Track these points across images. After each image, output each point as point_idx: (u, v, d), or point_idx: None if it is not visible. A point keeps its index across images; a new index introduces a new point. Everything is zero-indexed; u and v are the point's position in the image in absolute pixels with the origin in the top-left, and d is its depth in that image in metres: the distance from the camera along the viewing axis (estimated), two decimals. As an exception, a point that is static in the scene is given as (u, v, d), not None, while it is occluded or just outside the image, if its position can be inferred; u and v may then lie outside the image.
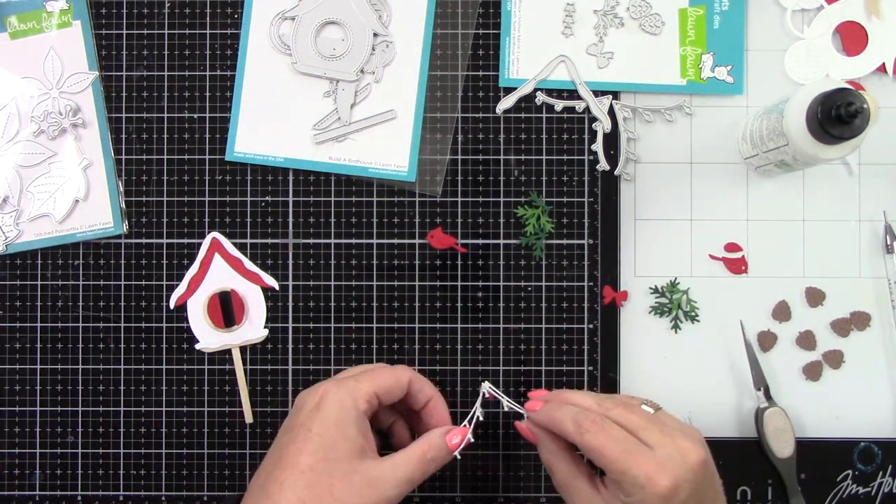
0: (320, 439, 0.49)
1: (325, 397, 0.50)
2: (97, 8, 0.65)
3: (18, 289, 0.65)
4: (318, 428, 0.49)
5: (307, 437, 0.49)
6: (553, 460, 0.53)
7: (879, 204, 0.65)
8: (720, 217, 0.65)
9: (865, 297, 0.64)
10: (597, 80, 0.65)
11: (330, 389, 0.51)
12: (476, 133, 0.65)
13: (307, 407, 0.51)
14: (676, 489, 0.46)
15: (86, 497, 0.65)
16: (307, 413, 0.51)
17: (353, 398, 0.50)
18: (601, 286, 0.64)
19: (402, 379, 0.54)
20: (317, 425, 0.50)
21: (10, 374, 0.65)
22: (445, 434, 0.53)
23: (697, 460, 0.47)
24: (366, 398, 0.51)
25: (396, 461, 0.51)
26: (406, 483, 0.50)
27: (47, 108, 0.65)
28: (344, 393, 0.50)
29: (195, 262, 0.65)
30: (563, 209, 0.65)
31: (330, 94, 0.64)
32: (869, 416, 0.64)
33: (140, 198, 0.65)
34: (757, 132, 0.60)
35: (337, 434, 0.49)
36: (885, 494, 0.63)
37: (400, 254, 0.65)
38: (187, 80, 0.65)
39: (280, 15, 0.64)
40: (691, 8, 0.64)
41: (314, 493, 0.48)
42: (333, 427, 0.49)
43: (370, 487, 0.49)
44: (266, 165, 0.65)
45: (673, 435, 0.48)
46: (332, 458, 0.49)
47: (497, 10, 0.65)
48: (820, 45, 0.65)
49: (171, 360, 0.65)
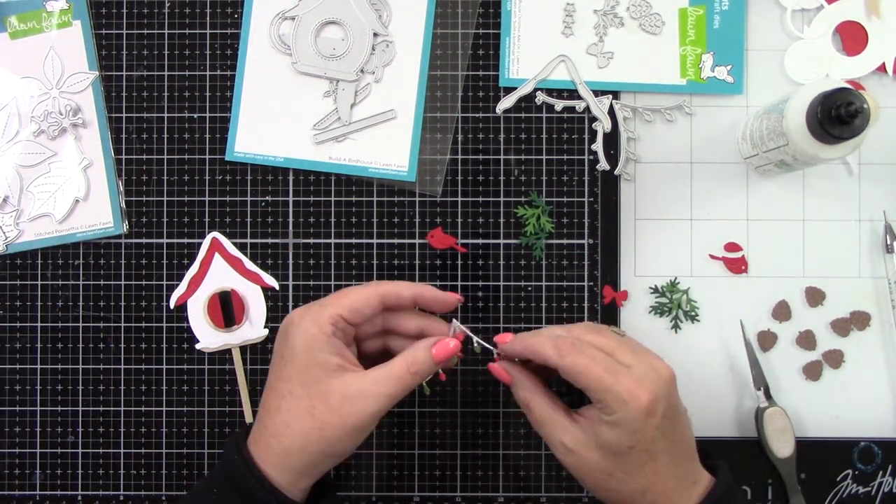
0: (291, 366, 0.51)
1: (289, 326, 0.52)
2: (97, 8, 0.65)
3: (18, 289, 0.65)
4: (289, 355, 0.51)
5: (282, 365, 0.51)
6: (529, 396, 0.53)
7: (879, 204, 0.65)
8: (720, 217, 0.65)
9: (865, 297, 0.64)
10: (597, 80, 0.65)
11: (294, 318, 0.52)
12: (476, 133, 0.65)
13: (279, 335, 0.53)
14: (656, 402, 0.49)
15: (86, 497, 0.65)
16: (279, 341, 0.53)
17: (317, 324, 0.51)
18: (601, 286, 0.64)
19: (370, 294, 0.53)
20: (287, 353, 0.51)
21: (10, 374, 0.65)
22: (431, 346, 0.53)
23: (669, 376, 0.50)
24: (330, 321, 0.51)
25: (379, 375, 0.51)
26: (387, 398, 0.50)
27: (47, 108, 0.65)
28: (308, 320, 0.51)
29: (195, 262, 0.65)
30: (563, 209, 0.65)
31: (330, 94, 0.64)
32: (869, 416, 0.64)
33: (140, 198, 0.65)
34: (757, 132, 0.60)
35: (305, 360, 0.50)
36: (885, 494, 0.63)
37: (400, 254, 0.65)
38: (187, 80, 0.65)
39: (280, 15, 0.64)
40: (691, 8, 0.64)
41: (295, 415, 0.50)
42: (301, 354, 0.50)
43: (350, 404, 0.50)
44: (266, 165, 0.65)
45: (644, 354, 0.51)
46: (306, 382, 0.50)
47: (497, 10, 0.65)
48: (820, 45, 0.65)
49: (171, 360, 0.65)
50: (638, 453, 0.49)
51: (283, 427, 0.50)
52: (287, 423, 0.50)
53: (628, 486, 0.50)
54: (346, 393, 0.50)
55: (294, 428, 0.50)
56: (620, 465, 0.50)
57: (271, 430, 0.50)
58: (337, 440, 0.50)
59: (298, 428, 0.50)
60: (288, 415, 0.50)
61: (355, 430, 0.50)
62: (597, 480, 0.51)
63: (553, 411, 0.52)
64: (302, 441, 0.50)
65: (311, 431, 0.50)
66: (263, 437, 0.51)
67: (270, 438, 0.50)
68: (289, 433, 0.50)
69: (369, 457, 0.64)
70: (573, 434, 0.51)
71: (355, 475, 0.64)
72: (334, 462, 0.52)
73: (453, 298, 0.55)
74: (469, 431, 0.64)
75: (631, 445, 0.49)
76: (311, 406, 0.50)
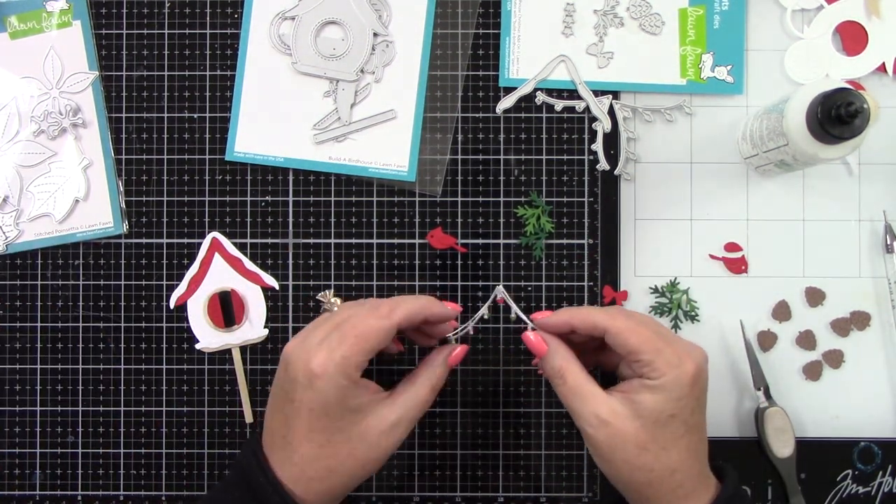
0: (326, 418, 0.50)
1: (315, 380, 0.49)
2: (97, 8, 0.65)
3: (18, 289, 0.65)
4: (320, 409, 0.50)
5: (313, 417, 0.50)
6: (565, 365, 0.52)
7: (879, 204, 0.65)
8: (720, 217, 0.65)
9: (865, 297, 0.64)
10: (597, 80, 0.65)
11: (317, 370, 0.49)
12: (476, 133, 0.65)
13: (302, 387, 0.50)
14: (699, 373, 0.50)
15: (86, 497, 0.65)
16: (303, 392, 0.50)
17: (345, 374, 0.49)
18: (601, 286, 0.64)
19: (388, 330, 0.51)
20: (318, 407, 0.50)
21: (10, 374, 0.65)
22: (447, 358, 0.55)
23: (705, 357, 0.52)
24: (357, 367, 0.50)
25: (407, 401, 0.52)
26: (417, 419, 0.53)
27: (47, 108, 0.65)
28: (335, 371, 0.49)
29: (195, 262, 0.65)
30: (563, 209, 0.65)
31: (330, 94, 0.64)
32: (869, 416, 0.64)
33: (140, 198, 0.65)
34: (757, 132, 0.60)
35: (340, 410, 0.50)
36: (885, 494, 0.63)
37: (400, 254, 0.65)
38: (187, 80, 0.65)
39: (280, 15, 0.64)
40: (691, 8, 0.64)
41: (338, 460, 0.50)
42: (335, 407, 0.50)
43: (387, 437, 0.51)
44: (266, 165, 0.65)
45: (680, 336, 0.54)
46: (343, 428, 0.50)
47: (497, 10, 0.65)
48: (820, 45, 0.65)
49: (171, 360, 0.65)
50: (677, 424, 0.49)
51: (327, 472, 0.51)
52: (330, 469, 0.50)
53: (661, 462, 0.49)
54: (382, 428, 0.51)
55: (338, 472, 0.51)
56: (657, 438, 0.49)
57: (312, 475, 0.51)
58: (375, 468, 0.52)
59: (343, 470, 0.51)
60: (331, 461, 0.50)
61: (388, 457, 0.52)
62: (628, 457, 0.50)
63: (588, 381, 0.52)
64: (347, 480, 0.51)
65: (355, 470, 0.51)
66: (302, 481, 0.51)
67: (313, 483, 0.51)
68: (333, 477, 0.51)
69: (369, 457, 0.64)
70: (609, 405, 0.50)
71: (355, 475, 0.64)
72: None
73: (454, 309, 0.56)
74: (469, 431, 0.65)
75: (673, 414, 0.49)
76: (353, 448, 0.51)
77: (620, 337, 0.50)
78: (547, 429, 0.64)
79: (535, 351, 0.54)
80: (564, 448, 0.64)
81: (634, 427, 0.49)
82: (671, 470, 0.50)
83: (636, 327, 0.50)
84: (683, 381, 0.49)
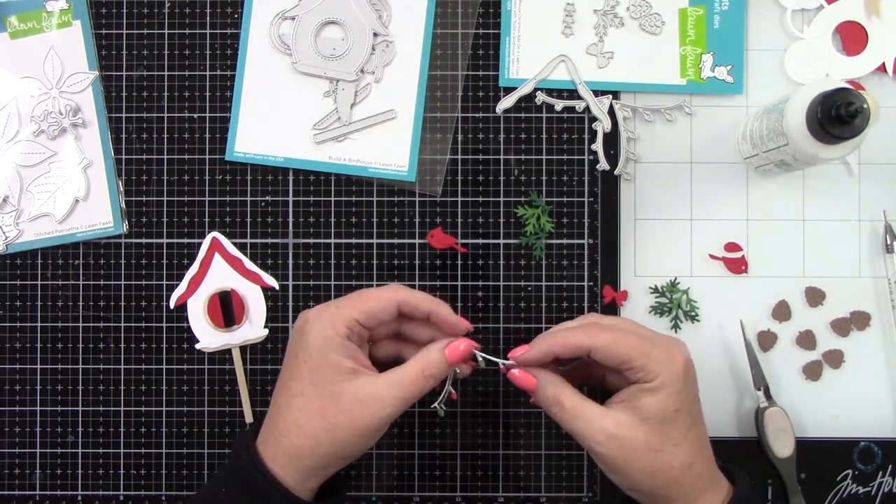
0: (305, 365, 0.51)
1: (305, 325, 0.52)
2: (97, 8, 0.65)
3: (18, 289, 0.65)
4: (303, 355, 0.51)
5: (295, 364, 0.51)
6: (560, 391, 0.52)
7: (879, 204, 0.65)
8: (720, 217, 0.65)
9: (865, 297, 0.64)
10: (597, 80, 0.65)
11: (311, 318, 0.52)
12: (476, 133, 0.65)
13: (294, 333, 0.53)
14: (688, 363, 0.51)
15: (86, 497, 0.65)
16: (294, 339, 0.53)
17: (333, 325, 0.51)
18: (601, 286, 0.64)
19: (388, 300, 0.53)
20: (301, 352, 0.51)
21: (10, 374, 0.65)
22: (444, 348, 0.53)
23: (686, 346, 0.52)
24: (346, 324, 0.51)
25: (393, 379, 0.51)
26: (401, 401, 0.51)
27: (47, 107, 0.65)
28: (324, 321, 0.51)
29: (195, 262, 0.65)
30: (563, 209, 0.65)
31: (330, 94, 0.64)
32: (869, 416, 0.64)
33: (140, 198, 0.65)
34: (757, 132, 0.60)
35: (320, 360, 0.50)
36: (885, 494, 0.63)
37: (400, 254, 0.65)
38: (187, 80, 0.65)
39: (280, 15, 0.64)
40: (691, 8, 0.64)
41: (307, 415, 0.50)
42: (315, 354, 0.50)
43: (362, 407, 0.50)
44: (266, 165, 0.65)
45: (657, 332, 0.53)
46: (319, 382, 0.50)
47: (497, 10, 0.65)
48: (820, 45, 0.65)
49: (171, 360, 0.65)
50: (683, 417, 0.50)
51: (295, 426, 0.50)
52: (298, 423, 0.50)
53: (678, 459, 0.49)
54: (357, 395, 0.50)
55: (305, 428, 0.50)
56: (668, 436, 0.49)
57: (282, 428, 0.51)
58: (347, 442, 0.50)
59: (309, 428, 0.50)
60: (299, 414, 0.50)
61: (366, 433, 0.50)
62: (644, 465, 0.49)
63: (585, 401, 0.51)
64: (312, 442, 0.50)
65: (322, 432, 0.50)
66: (273, 436, 0.51)
67: (281, 437, 0.51)
68: (300, 433, 0.50)
69: (370, 457, 0.64)
70: (613, 417, 0.50)
71: (356, 475, 0.64)
72: (344, 463, 0.52)
73: (465, 324, 0.55)
74: (469, 431, 0.65)
75: (677, 408, 0.49)
76: (322, 406, 0.50)
77: (607, 351, 0.50)
78: (547, 428, 0.64)
79: (525, 386, 0.53)
80: (564, 448, 0.64)
81: (643, 432, 0.49)
82: (688, 464, 0.50)
83: (620, 337, 0.50)
84: (678, 375, 0.50)
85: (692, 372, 0.51)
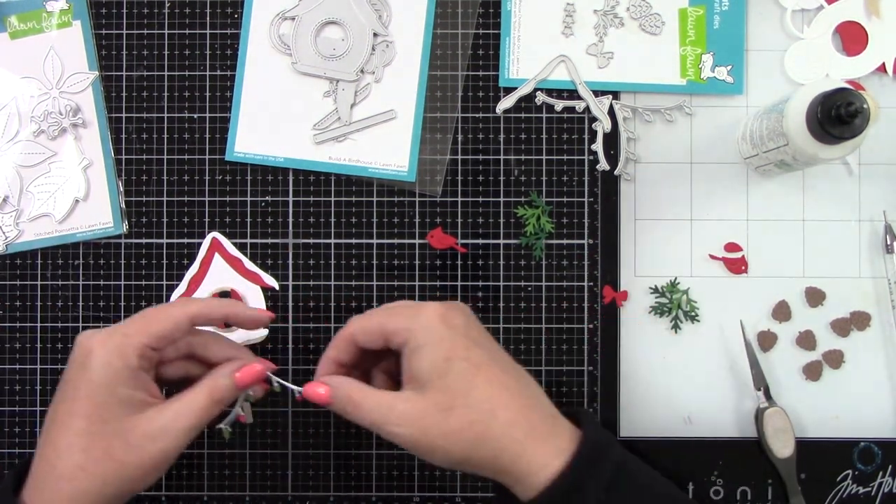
0: (89, 401, 0.46)
1: (89, 357, 0.47)
2: (97, 8, 0.65)
3: (18, 289, 0.65)
4: (86, 390, 0.47)
5: (76, 398, 0.47)
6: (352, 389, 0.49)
7: (879, 204, 0.65)
8: (720, 217, 0.65)
9: (865, 297, 0.64)
10: (597, 80, 0.65)
11: (95, 348, 0.47)
12: (476, 133, 0.65)
13: (75, 363, 0.48)
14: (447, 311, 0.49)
15: (86, 497, 0.64)
16: (75, 370, 0.48)
17: (122, 356, 0.47)
18: (601, 286, 0.64)
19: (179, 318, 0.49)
20: (84, 386, 0.47)
21: (10, 374, 0.65)
22: (235, 371, 0.50)
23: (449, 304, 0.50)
24: (137, 352, 0.47)
25: (180, 409, 0.48)
26: (189, 431, 0.48)
27: (47, 108, 0.65)
28: (111, 351, 0.47)
29: (195, 262, 0.65)
30: (563, 209, 0.65)
31: (330, 94, 0.64)
32: (869, 416, 0.64)
33: (140, 198, 0.65)
34: (757, 132, 0.60)
35: (106, 395, 0.46)
36: (885, 494, 0.63)
37: (400, 254, 0.65)
38: (187, 80, 0.65)
39: (280, 15, 0.64)
40: (691, 8, 0.64)
41: (92, 456, 0.46)
42: (102, 389, 0.46)
43: (151, 442, 0.47)
44: (266, 165, 0.65)
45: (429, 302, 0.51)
46: (106, 419, 0.46)
47: (497, 10, 0.65)
48: (820, 45, 0.65)
49: (171, 360, 0.65)
50: (459, 364, 0.47)
51: (78, 470, 0.46)
52: (82, 466, 0.46)
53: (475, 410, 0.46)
54: (147, 431, 0.47)
55: (90, 471, 0.46)
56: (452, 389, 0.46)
57: (62, 472, 0.46)
58: (137, 478, 0.47)
59: (95, 471, 0.46)
60: (83, 456, 0.46)
61: (156, 468, 0.47)
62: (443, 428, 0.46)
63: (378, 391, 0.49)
64: (100, 484, 0.46)
65: (109, 473, 0.46)
66: (50, 481, 0.46)
67: (61, 482, 0.46)
68: (84, 476, 0.46)
69: (369, 457, 0.64)
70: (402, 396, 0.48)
71: (356, 475, 0.64)
72: (130, 497, 0.48)
73: (266, 315, 0.53)
74: (469, 431, 0.64)
75: (447, 356, 0.47)
76: (109, 446, 0.46)
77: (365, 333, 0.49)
78: (547, 429, 0.64)
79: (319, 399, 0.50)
80: (564, 448, 0.64)
81: (430, 395, 0.47)
82: (491, 413, 0.47)
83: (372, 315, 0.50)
84: (431, 325, 0.47)
85: (454, 319, 0.48)
